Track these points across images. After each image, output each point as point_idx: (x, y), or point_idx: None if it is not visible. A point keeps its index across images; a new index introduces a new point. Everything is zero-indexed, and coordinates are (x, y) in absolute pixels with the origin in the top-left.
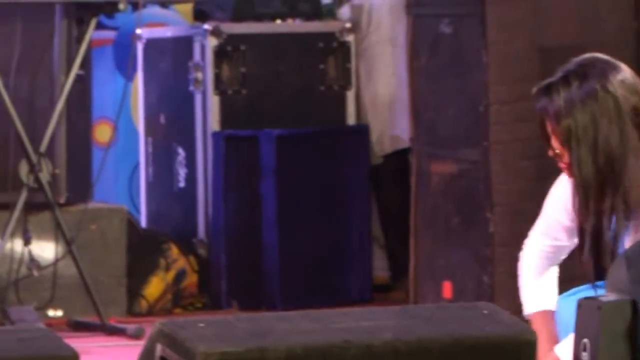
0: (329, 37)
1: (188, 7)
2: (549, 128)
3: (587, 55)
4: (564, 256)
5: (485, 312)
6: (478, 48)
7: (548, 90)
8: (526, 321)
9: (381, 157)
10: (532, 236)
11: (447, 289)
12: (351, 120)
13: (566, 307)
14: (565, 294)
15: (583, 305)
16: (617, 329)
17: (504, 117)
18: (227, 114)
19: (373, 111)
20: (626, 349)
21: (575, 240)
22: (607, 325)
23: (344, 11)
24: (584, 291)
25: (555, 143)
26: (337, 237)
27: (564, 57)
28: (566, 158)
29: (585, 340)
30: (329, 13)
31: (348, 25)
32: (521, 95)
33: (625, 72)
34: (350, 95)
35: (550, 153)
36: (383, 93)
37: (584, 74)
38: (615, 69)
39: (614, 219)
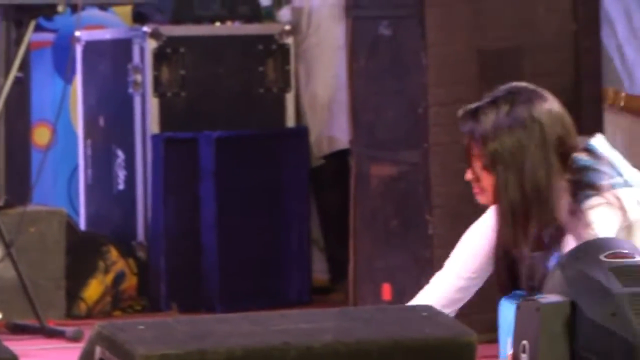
0: (268, 39)
1: (127, 10)
2: (474, 151)
3: (515, 83)
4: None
5: (425, 314)
6: (417, 50)
7: (476, 113)
8: None
9: (321, 159)
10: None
11: (386, 291)
12: (290, 122)
13: (508, 309)
14: (507, 296)
15: (522, 307)
16: (555, 330)
17: (442, 119)
18: (167, 117)
19: (312, 113)
20: (565, 350)
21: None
22: (546, 326)
23: (284, 13)
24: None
25: (477, 166)
26: (276, 240)
27: (503, 60)
28: (485, 182)
29: (525, 341)
30: (268, 15)
31: (287, 27)
32: (460, 98)
33: (552, 102)
34: (290, 97)
35: (468, 176)
36: (322, 95)
37: (513, 101)
38: (542, 97)
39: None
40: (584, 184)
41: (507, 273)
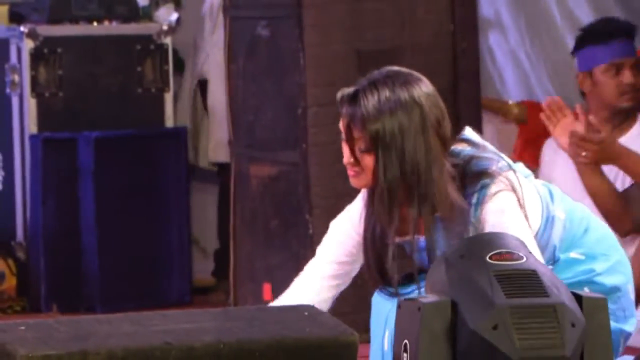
0: (146, 39)
1: (3, 9)
2: (354, 133)
3: (390, 67)
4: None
5: (306, 313)
6: (295, 51)
7: (355, 96)
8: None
9: (214, 165)
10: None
11: (267, 291)
12: (169, 122)
13: (380, 303)
14: (379, 289)
15: (403, 306)
16: (436, 329)
17: (321, 120)
18: (45, 117)
19: (212, 117)
20: (446, 350)
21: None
22: (426, 325)
23: (161, 13)
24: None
25: (356, 149)
26: (157, 240)
27: (381, 60)
28: (364, 163)
29: (406, 341)
30: (146, 15)
31: (165, 27)
32: None
33: (428, 84)
34: (168, 97)
35: (346, 160)
36: (220, 100)
37: (393, 84)
38: (419, 80)
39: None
40: (475, 172)
41: (376, 261)
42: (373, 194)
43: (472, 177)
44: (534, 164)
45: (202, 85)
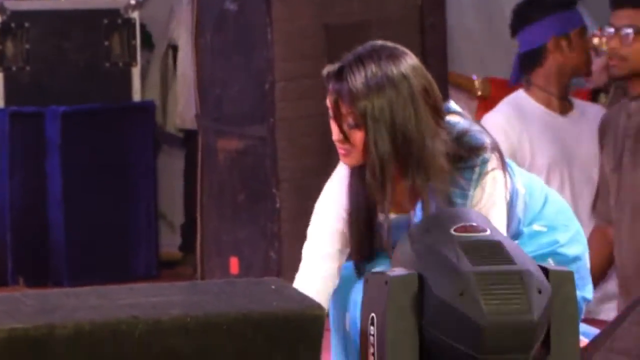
0: (113, 13)
1: None
2: (342, 109)
3: (374, 42)
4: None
5: (273, 287)
6: (263, 25)
7: (341, 72)
8: None
9: (181, 132)
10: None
11: (234, 265)
12: (137, 96)
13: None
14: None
15: (370, 280)
16: (403, 303)
17: (289, 94)
18: (12, 91)
19: (182, 86)
20: (412, 323)
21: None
22: (393, 299)
23: None
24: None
25: (344, 125)
26: (124, 214)
27: (349, 35)
28: (354, 139)
29: (373, 314)
30: None
31: (133, 1)
32: (306, 73)
33: (413, 57)
34: (136, 72)
35: (335, 137)
36: (190, 68)
37: (379, 58)
38: (404, 53)
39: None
40: (473, 147)
41: (362, 239)
42: (360, 171)
43: (470, 151)
44: None
45: (176, 51)
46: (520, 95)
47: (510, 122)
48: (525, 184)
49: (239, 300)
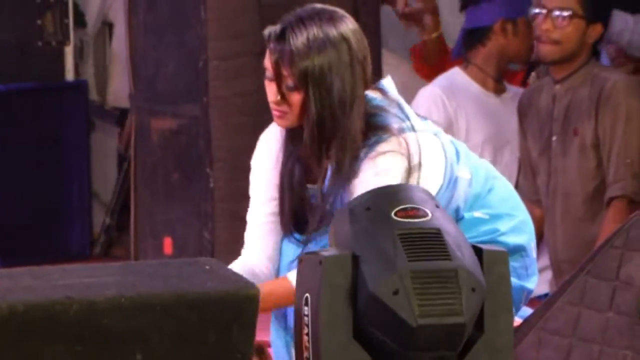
0: None
1: None
2: (282, 70)
3: (314, 4)
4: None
5: (207, 267)
6: (197, 3)
7: (283, 33)
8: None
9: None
10: (250, 213)
11: (167, 245)
12: (69, 76)
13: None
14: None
15: (304, 260)
16: (338, 283)
17: (222, 73)
18: None
19: (116, 64)
20: (347, 304)
21: None
22: (328, 279)
23: None
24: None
25: (283, 86)
26: (57, 194)
27: (283, 12)
28: (291, 100)
29: (307, 294)
30: None
31: None
32: (240, 51)
33: (353, 21)
34: (69, 50)
35: (272, 98)
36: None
37: (320, 20)
38: (344, 16)
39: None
40: (376, 125)
41: (292, 205)
42: (294, 134)
43: (372, 130)
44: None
45: (112, 29)
46: (456, 71)
47: (448, 95)
48: (472, 168)
49: (173, 280)
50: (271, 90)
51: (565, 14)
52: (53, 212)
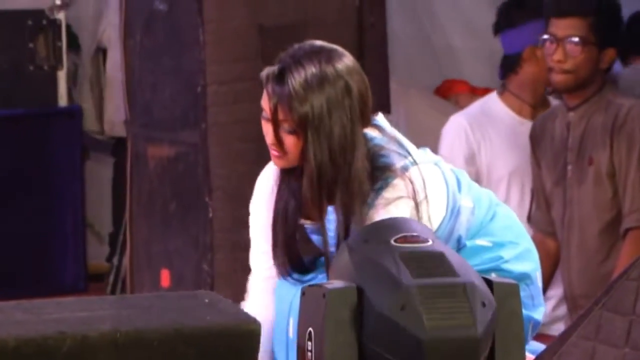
0: (38, 14)
1: None
2: (280, 114)
3: (311, 41)
4: None
5: (206, 300)
6: (194, 26)
7: (282, 75)
8: None
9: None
10: (253, 260)
11: (165, 277)
12: (62, 101)
13: (284, 288)
14: (283, 277)
15: (307, 293)
16: (342, 317)
17: (221, 98)
18: None
19: (111, 90)
20: (352, 337)
21: None
22: (331, 312)
23: None
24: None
25: (281, 130)
26: (50, 224)
27: (284, 36)
28: (289, 144)
29: (310, 329)
30: None
31: (58, 2)
32: (239, 76)
33: (351, 59)
34: (62, 75)
35: (269, 140)
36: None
37: (319, 61)
38: (342, 54)
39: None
40: (380, 166)
41: (285, 242)
42: (291, 172)
43: (376, 171)
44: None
45: (106, 54)
46: (492, 97)
47: (472, 125)
48: (474, 197)
49: (170, 314)
50: (268, 131)
51: (578, 40)
52: (46, 244)
